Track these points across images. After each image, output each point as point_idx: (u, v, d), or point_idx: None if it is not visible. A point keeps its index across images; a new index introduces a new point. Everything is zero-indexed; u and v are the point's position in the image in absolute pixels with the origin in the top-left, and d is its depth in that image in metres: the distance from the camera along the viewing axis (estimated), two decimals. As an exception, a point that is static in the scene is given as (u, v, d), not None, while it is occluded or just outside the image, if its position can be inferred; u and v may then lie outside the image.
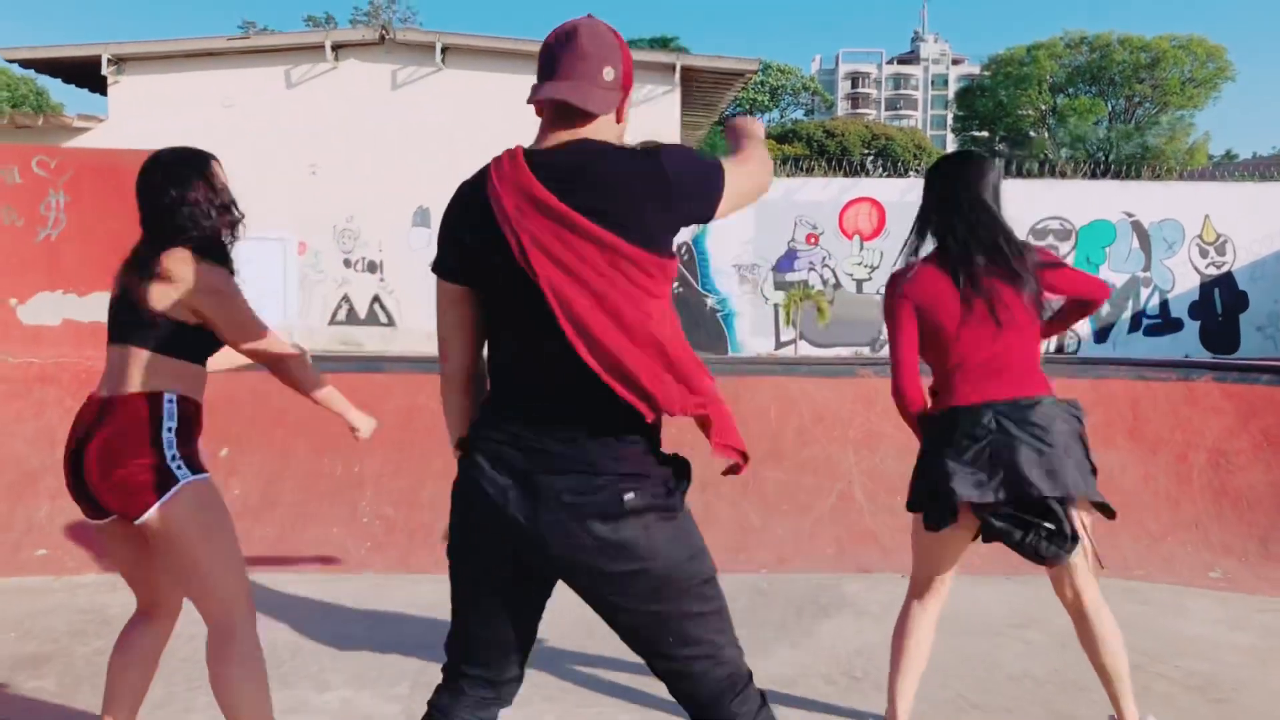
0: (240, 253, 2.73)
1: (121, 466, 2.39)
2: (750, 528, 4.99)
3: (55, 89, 38.03)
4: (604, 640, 2.56)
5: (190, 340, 2.53)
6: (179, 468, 2.43)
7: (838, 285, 16.31)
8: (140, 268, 2.52)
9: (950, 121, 65.25)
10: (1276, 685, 3.37)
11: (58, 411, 5.42)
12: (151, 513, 2.38)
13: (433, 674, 3.38)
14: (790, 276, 16.18)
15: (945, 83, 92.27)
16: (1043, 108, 50.20)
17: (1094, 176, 17.76)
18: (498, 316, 1.84)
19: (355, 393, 5.74)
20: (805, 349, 16.00)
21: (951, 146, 67.52)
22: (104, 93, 16.55)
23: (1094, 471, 2.66)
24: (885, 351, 15.88)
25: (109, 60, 16.07)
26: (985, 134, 55.68)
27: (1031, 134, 51.30)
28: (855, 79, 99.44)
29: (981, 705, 3.19)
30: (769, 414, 5.72)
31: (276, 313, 15.18)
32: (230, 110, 16.30)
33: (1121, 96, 47.50)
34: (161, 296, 2.48)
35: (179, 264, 2.48)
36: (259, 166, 14.41)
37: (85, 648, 3.70)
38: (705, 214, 1.84)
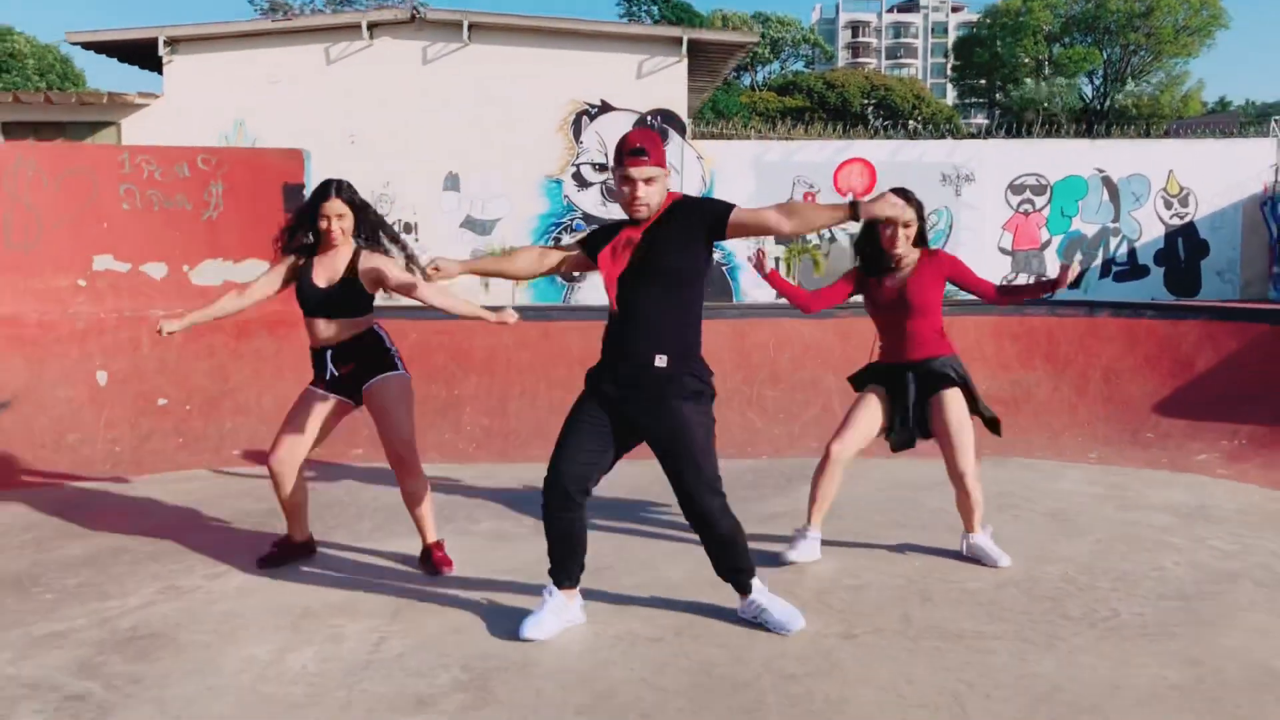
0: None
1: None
2: (754, 429, 6.70)
3: (81, 59, 39.12)
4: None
5: None
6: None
7: (833, 240, 17.87)
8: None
9: (949, 71, 66.13)
10: (1103, 513, 5.08)
11: (225, 353, 7.12)
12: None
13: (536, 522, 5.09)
14: (789, 232, 17.74)
15: (945, 30, 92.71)
16: (1039, 57, 51.17)
17: (1087, 132, 19.19)
18: None
19: (449, 334, 7.44)
20: (804, 297, 17.64)
21: (951, 96, 68.42)
22: (159, 71, 18.02)
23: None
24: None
25: (164, 42, 17.53)
26: (982, 83, 56.70)
27: (1028, 82, 52.31)
28: (855, 28, 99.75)
29: (904, 524, 4.91)
30: (768, 347, 7.41)
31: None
32: (275, 86, 17.76)
33: (1116, 45, 48.37)
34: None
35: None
36: (302, 138, 15.87)
37: (301, 506, 5.41)
38: None
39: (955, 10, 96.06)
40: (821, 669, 3.25)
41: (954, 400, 4.28)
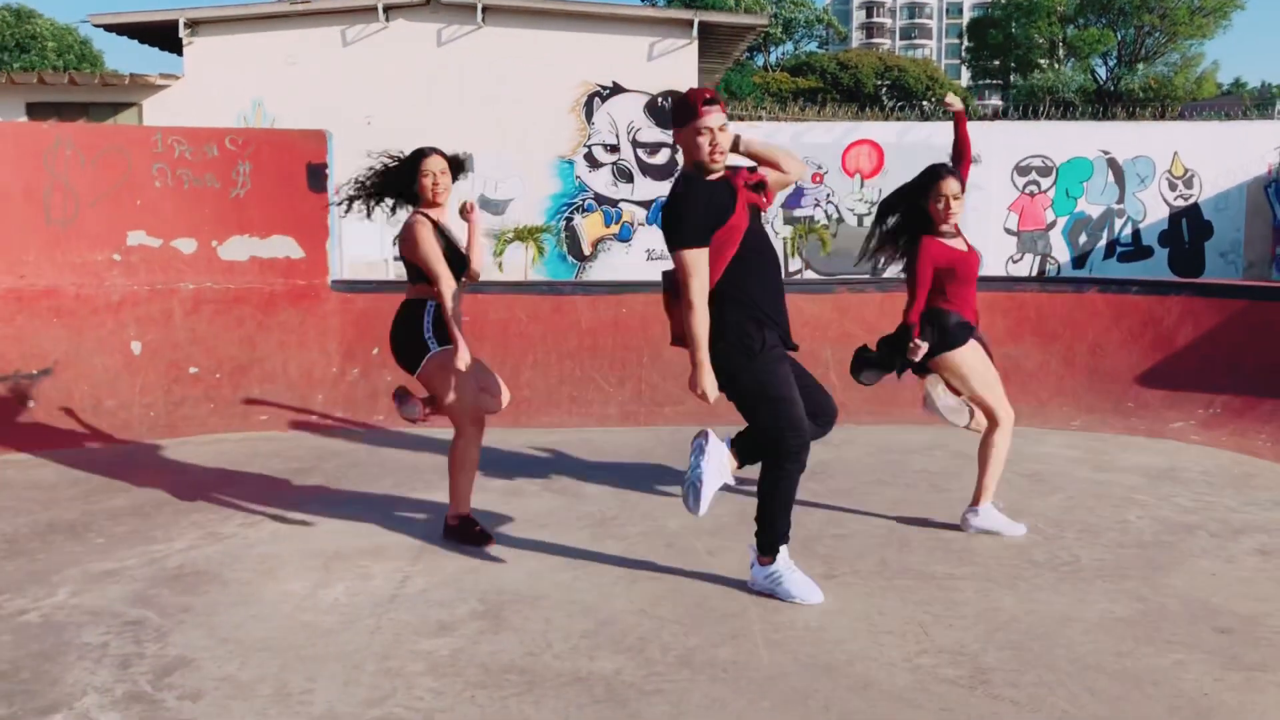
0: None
1: None
2: (755, 398, 7.04)
3: (101, 41, 39.56)
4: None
5: None
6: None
7: (840, 220, 18.15)
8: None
9: (963, 53, 66.00)
10: (1078, 473, 5.41)
11: (252, 324, 7.49)
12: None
13: (557, 470, 5.46)
14: (798, 213, 18.02)
15: (960, 11, 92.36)
16: (1053, 38, 51.06)
17: (1100, 115, 19.34)
18: None
19: (465, 308, 7.72)
20: (812, 277, 17.92)
21: (965, 78, 68.31)
22: (179, 53, 18.38)
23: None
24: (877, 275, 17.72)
25: (185, 24, 17.88)
26: (996, 64, 56.63)
27: (1042, 62, 52.23)
28: (870, 8, 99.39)
29: (890, 483, 5.25)
30: (770, 321, 7.74)
31: (351, 250, 17.18)
32: (293, 67, 18.10)
33: (1130, 27, 48.24)
34: None
35: None
36: (320, 118, 16.20)
37: (328, 465, 5.79)
38: None
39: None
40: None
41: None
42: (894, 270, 4.77)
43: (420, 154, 4.51)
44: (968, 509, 4.49)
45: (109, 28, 18.69)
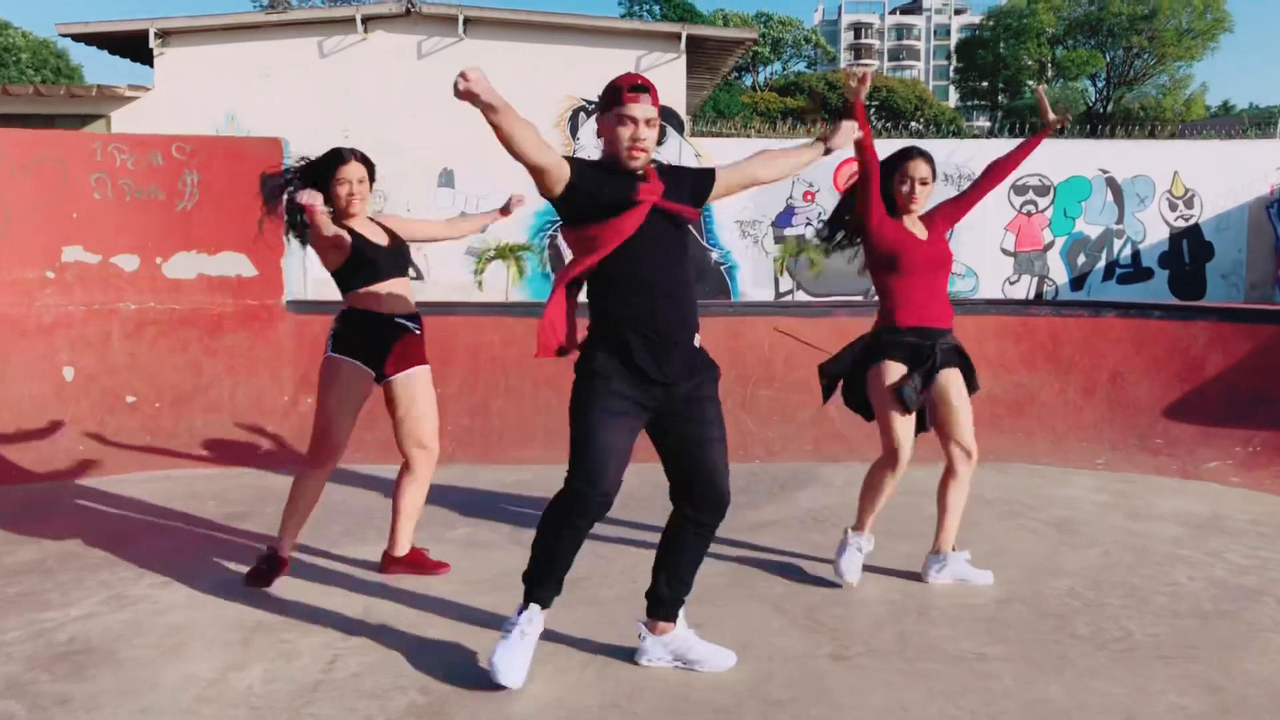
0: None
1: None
2: (747, 430, 6.44)
3: (77, 53, 38.95)
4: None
5: None
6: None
7: (832, 239, 17.62)
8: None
9: (951, 73, 65.91)
10: (1111, 522, 4.82)
11: (198, 348, 6.87)
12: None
13: (524, 518, 4.84)
14: (788, 231, 17.49)
15: (948, 33, 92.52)
16: (1042, 59, 50.92)
17: (1092, 135, 18.95)
18: None
19: (431, 331, 7.17)
20: (803, 298, 17.36)
21: (953, 98, 68.19)
22: (146, 63, 17.77)
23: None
24: (874, 298, 17.19)
25: (155, 34, 17.27)
26: (985, 85, 56.46)
27: (1031, 83, 52.05)
28: (858, 30, 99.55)
29: (902, 534, 4.64)
30: (764, 346, 7.15)
31: (315, 267, 16.53)
32: (268, 79, 17.51)
33: (1119, 48, 48.13)
34: None
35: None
36: (296, 132, 15.68)
37: (269, 508, 5.14)
38: None
39: (958, 13, 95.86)
40: (810, 694, 2.98)
41: (960, 376, 4.00)
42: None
43: (338, 158, 3.98)
44: (929, 555, 4.04)
45: (77, 37, 18.05)
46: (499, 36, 17.79)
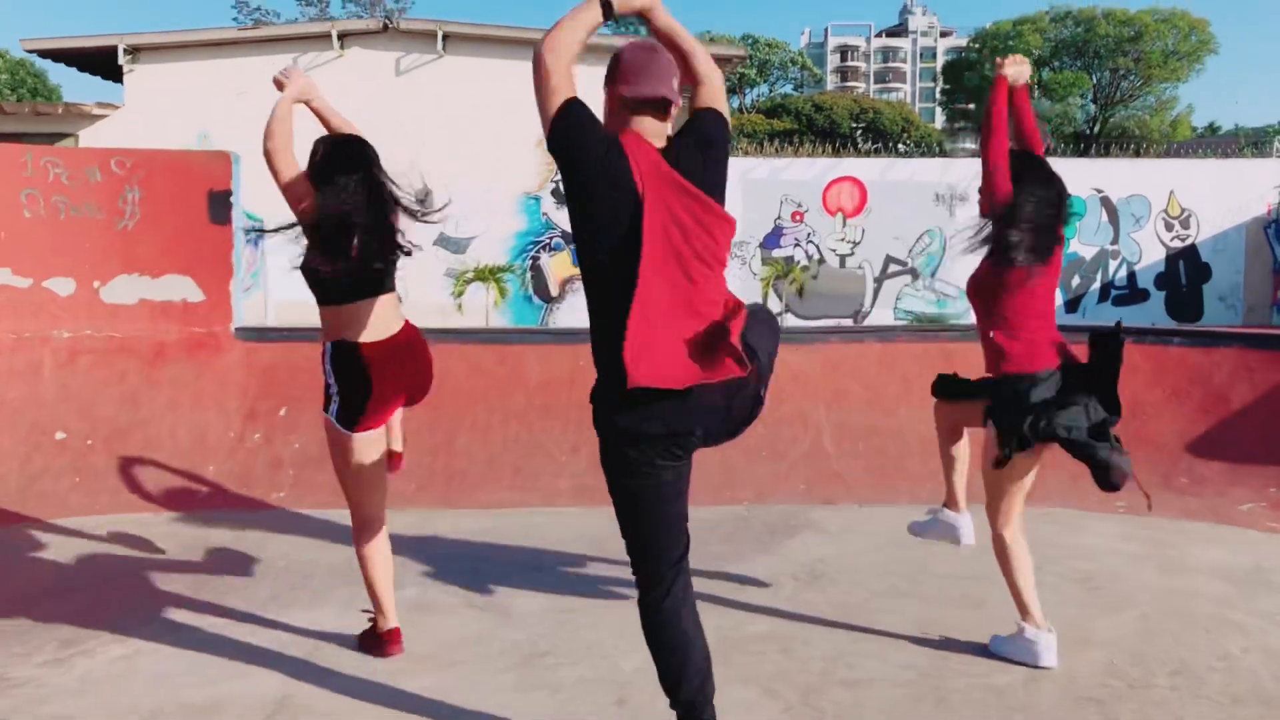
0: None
1: None
2: (735, 468, 5.90)
3: (56, 73, 38.44)
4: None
5: None
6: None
7: (822, 261, 17.16)
8: None
9: (938, 95, 65.86)
10: (1141, 578, 4.29)
11: (138, 379, 6.30)
12: None
13: (481, 573, 4.30)
14: (777, 253, 17.01)
15: (934, 55, 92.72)
16: (1029, 81, 50.92)
17: (1080, 153, 18.57)
18: None
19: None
20: (792, 321, 16.86)
21: (940, 120, 68.10)
22: (118, 80, 17.25)
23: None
24: (867, 322, 16.71)
25: (124, 50, 16.75)
26: (971, 107, 56.38)
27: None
28: (844, 52, 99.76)
29: (911, 593, 4.11)
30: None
31: (293, 290, 15.99)
32: (241, 97, 16.98)
33: (1106, 70, 48.14)
34: None
35: None
36: (271, 151, 15.19)
37: (198, 561, 4.58)
38: None
39: (944, 35, 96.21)
40: (810, 815, 2.44)
41: None
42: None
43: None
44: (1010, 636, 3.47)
45: (44, 53, 17.51)
46: (479, 53, 17.35)
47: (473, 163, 16.50)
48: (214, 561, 4.61)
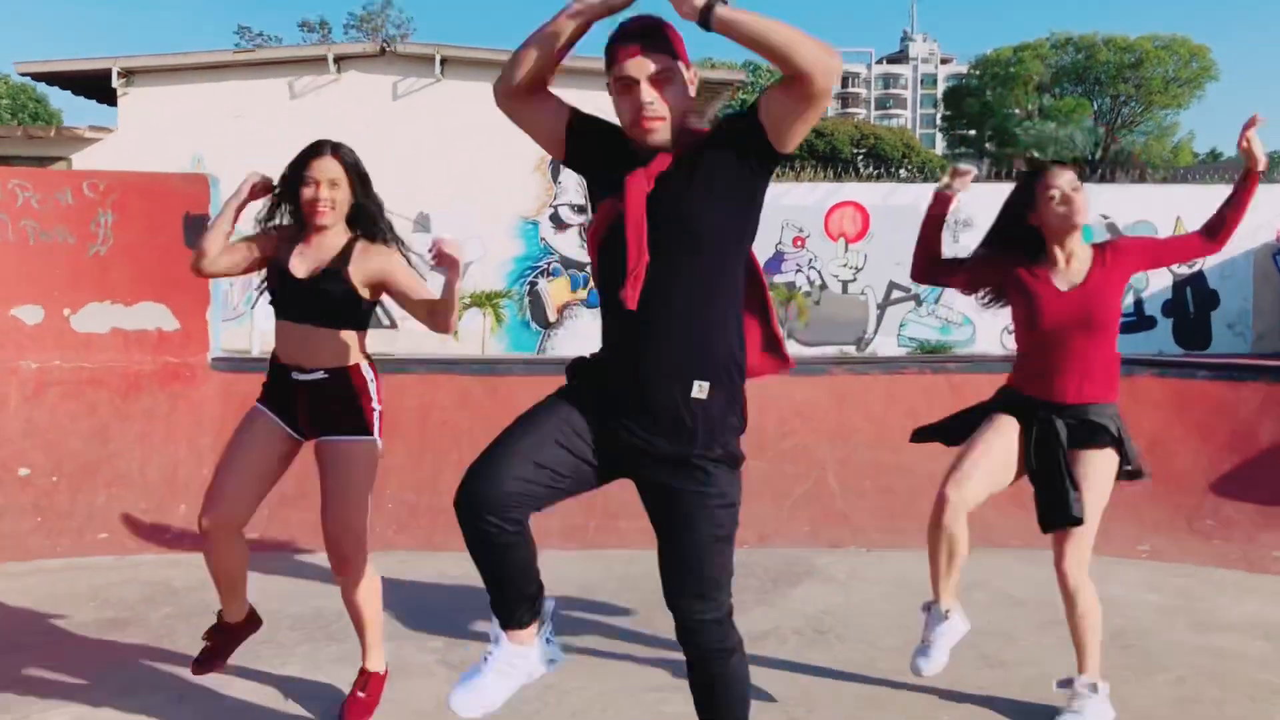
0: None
1: None
2: (734, 510, 5.58)
3: (56, 97, 38.48)
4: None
5: None
6: None
7: (824, 286, 16.91)
8: None
9: (939, 121, 65.88)
10: (1174, 635, 3.98)
11: (108, 412, 6.01)
12: None
13: (462, 630, 3.99)
14: (778, 278, 16.76)
15: (934, 82, 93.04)
16: (1029, 107, 50.86)
17: (1084, 179, 18.35)
18: None
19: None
20: (793, 348, 16.58)
21: (940, 146, 68.11)
22: (114, 104, 17.06)
23: None
24: (869, 351, 16.44)
25: (118, 73, 16.58)
26: (973, 133, 56.37)
27: (1018, 132, 51.94)
28: (845, 79, 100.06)
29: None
30: (752, 409, 6.30)
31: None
32: (236, 120, 16.81)
33: (1107, 96, 48.14)
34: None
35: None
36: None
37: (157, 613, 4.27)
38: None
39: (944, 62, 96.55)
40: None
41: (1102, 467, 3.17)
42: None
43: (312, 150, 3.15)
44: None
45: (37, 76, 17.36)
46: (478, 77, 17.14)
47: (470, 187, 16.29)
48: (175, 611, 4.29)
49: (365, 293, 3.13)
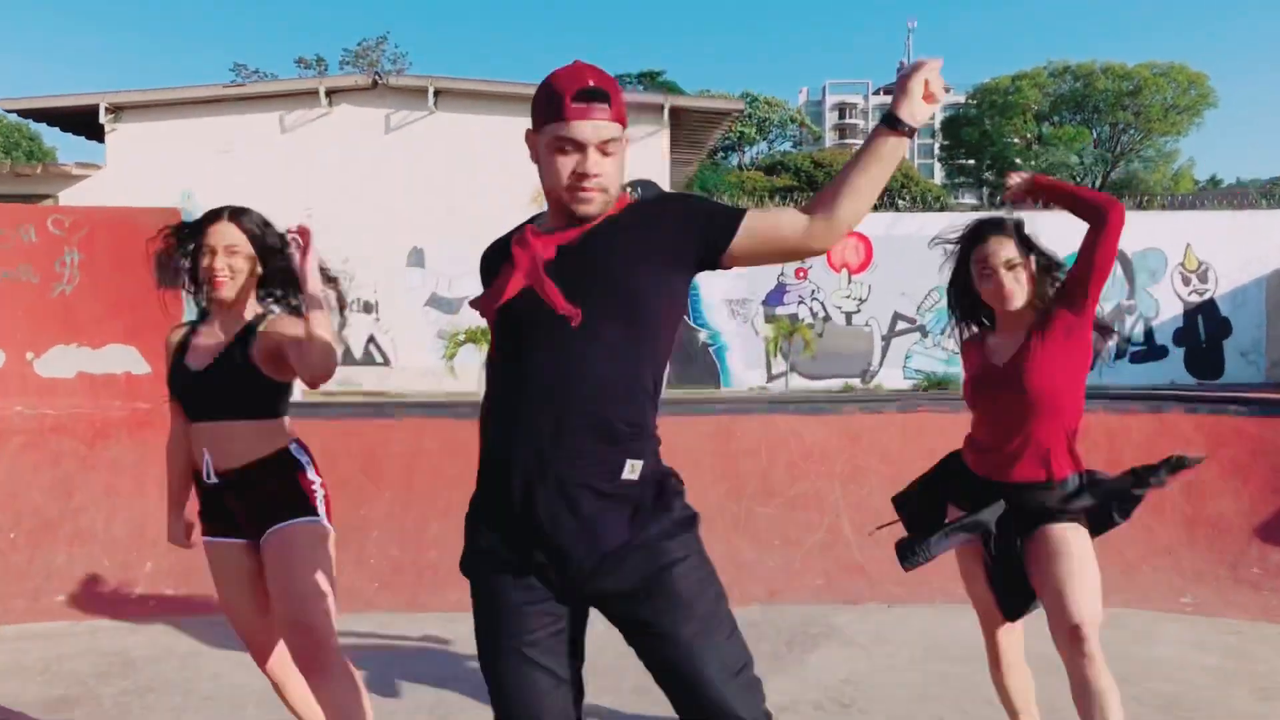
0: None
1: None
2: (743, 562, 5.20)
3: (50, 135, 38.41)
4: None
5: None
6: None
7: (827, 318, 16.57)
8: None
9: (937, 150, 65.88)
10: (1236, 704, 3.58)
11: (73, 461, 5.63)
12: None
13: (447, 703, 3.60)
14: (780, 310, 16.42)
15: (931, 113, 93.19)
16: (1028, 136, 50.82)
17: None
18: None
19: (360, 437, 6.02)
20: (797, 381, 16.21)
21: (939, 175, 68.07)
22: (102, 140, 16.81)
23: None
24: (874, 384, 16.08)
25: (106, 109, 16.34)
26: (971, 162, 56.32)
27: (1017, 161, 51.87)
28: (842, 109, 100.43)
29: (960, 728, 3.40)
30: (760, 452, 5.94)
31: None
32: (227, 155, 16.56)
33: (1105, 124, 48.11)
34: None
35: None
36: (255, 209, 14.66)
37: (110, 689, 3.88)
38: None
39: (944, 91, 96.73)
40: None
41: (1068, 541, 2.76)
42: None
43: (209, 216, 2.78)
44: None
45: (24, 113, 17.12)
46: (471, 109, 16.93)
47: (464, 219, 15.98)
48: (131, 687, 3.90)
49: (271, 369, 2.69)
